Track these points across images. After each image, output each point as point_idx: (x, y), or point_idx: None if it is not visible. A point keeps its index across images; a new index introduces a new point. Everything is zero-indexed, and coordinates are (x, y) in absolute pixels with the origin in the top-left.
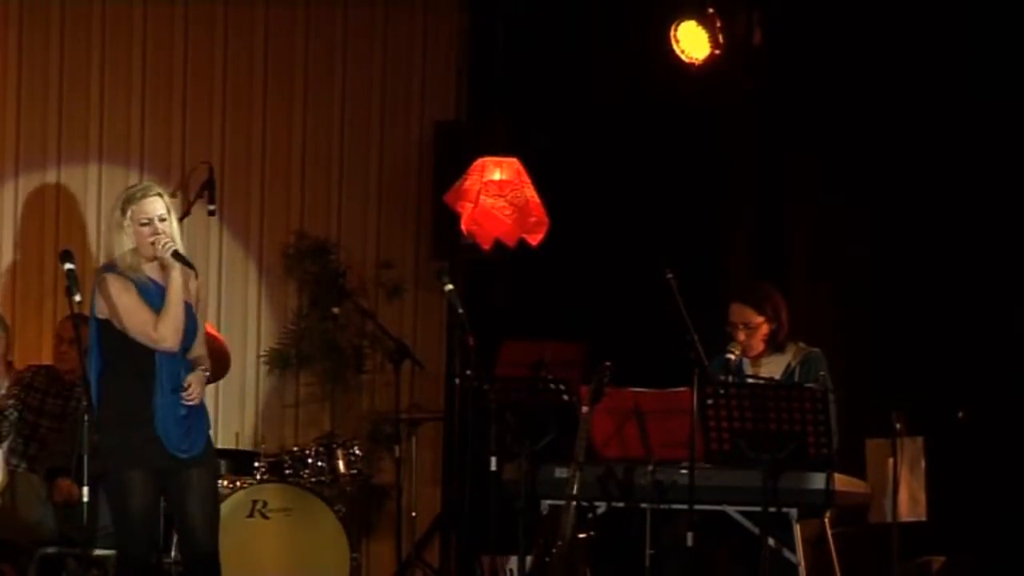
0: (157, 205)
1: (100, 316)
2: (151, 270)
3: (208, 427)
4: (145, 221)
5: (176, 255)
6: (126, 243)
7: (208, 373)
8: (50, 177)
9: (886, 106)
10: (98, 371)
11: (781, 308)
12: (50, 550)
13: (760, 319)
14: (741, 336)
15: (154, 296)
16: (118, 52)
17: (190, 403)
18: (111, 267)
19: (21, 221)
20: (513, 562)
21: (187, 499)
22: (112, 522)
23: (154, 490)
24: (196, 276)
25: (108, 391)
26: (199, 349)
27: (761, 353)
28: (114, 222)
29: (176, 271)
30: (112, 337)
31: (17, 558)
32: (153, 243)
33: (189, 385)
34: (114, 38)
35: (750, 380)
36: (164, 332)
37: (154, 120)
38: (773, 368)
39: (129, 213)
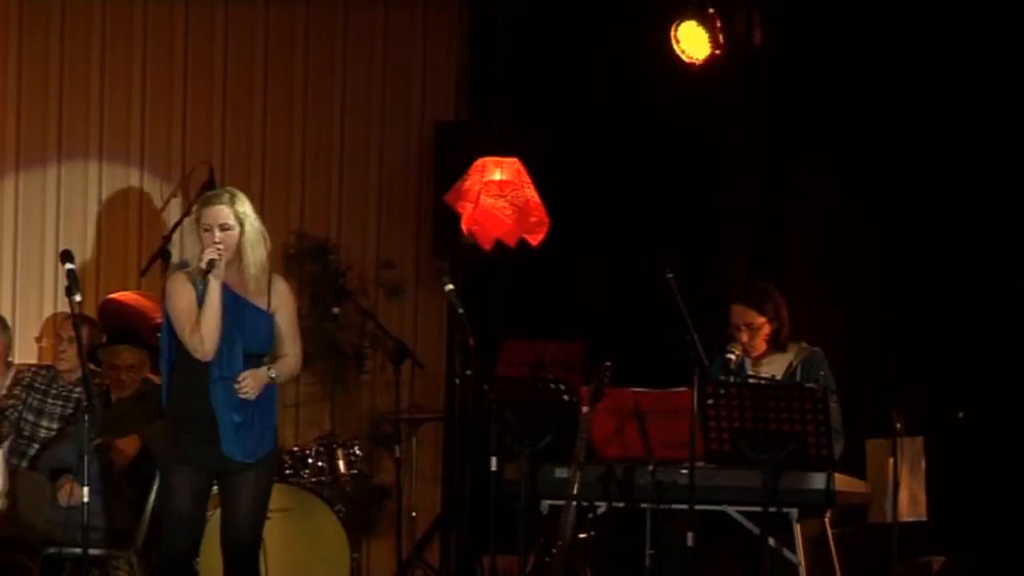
0: (222, 213)
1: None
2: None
3: (274, 429)
4: (207, 227)
5: (207, 267)
6: (197, 244)
7: (275, 374)
8: (50, 177)
9: (887, 106)
10: (169, 365)
11: (781, 306)
12: (51, 550)
13: (762, 319)
14: (744, 337)
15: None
16: (118, 52)
17: (243, 396)
18: (183, 265)
19: (21, 220)
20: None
21: (237, 495)
22: (160, 517)
23: (200, 490)
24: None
25: (173, 388)
26: (284, 349)
27: (764, 353)
28: (192, 223)
29: (215, 281)
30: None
31: (28, 555)
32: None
33: (244, 379)
34: (114, 38)
35: (751, 380)
36: (194, 341)
37: (154, 120)
38: (775, 367)
39: (198, 216)
